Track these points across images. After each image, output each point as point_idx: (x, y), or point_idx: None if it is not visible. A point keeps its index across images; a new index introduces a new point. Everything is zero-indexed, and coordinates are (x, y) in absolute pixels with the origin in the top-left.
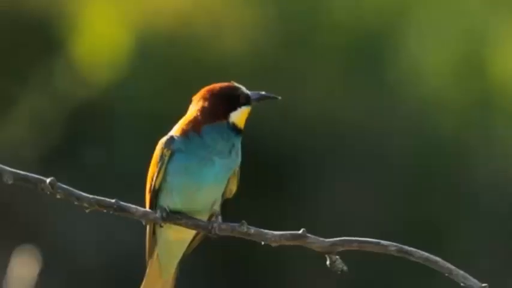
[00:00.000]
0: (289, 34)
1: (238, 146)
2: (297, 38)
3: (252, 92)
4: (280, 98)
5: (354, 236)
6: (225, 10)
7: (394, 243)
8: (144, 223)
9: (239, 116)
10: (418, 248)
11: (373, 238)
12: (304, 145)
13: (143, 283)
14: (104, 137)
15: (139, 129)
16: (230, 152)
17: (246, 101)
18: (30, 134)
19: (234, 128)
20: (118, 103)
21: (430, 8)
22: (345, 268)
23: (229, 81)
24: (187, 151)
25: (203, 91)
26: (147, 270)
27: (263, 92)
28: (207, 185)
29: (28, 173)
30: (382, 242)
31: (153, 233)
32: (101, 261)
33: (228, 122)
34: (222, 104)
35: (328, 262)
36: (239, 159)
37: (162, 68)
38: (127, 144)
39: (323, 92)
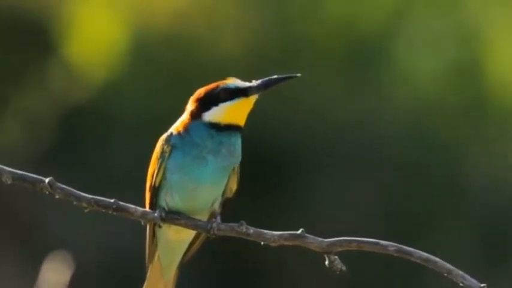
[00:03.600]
0: (286, 34)
1: (230, 143)
2: (295, 38)
3: (259, 81)
4: (299, 75)
5: (353, 236)
6: (222, 10)
7: (393, 243)
8: (143, 223)
9: (217, 114)
10: (418, 248)
11: (373, 238)
12: (303, 145)
13: (145, 284)
14: (101, 136)
15: (136, 129)
16: (220, 150)
17: (235, 94)
18: (29, 134)
19: (214, 126)
20: (115, 103)
21: (425, 11)
22: (344, 268)
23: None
24: (183, 149)
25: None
26: (148, 271)
27: (275, 76)
28: (204, 183)
29: (27, 173)
30: (381, 242)
31: (153, 233)
32: (101, 261)
33: (203, 122)
34: (197, 105)
35: (327, 262)
36: (236, 158)
37: (159, 67)
38: (125, 143)
39: (321, 92)
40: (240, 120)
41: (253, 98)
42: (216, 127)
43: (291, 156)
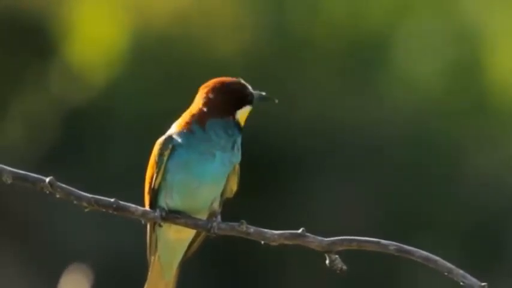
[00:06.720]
0: (286, 34)
1: (240, 142)
2: (295, 37)
3: (254, 91)
4: (276, 101)
5: (354, 235)
6: (221, 10)
7: (394, 243)
8: (143, 222)
9: (243, 114)
10: (417, 247)
11: (373, 237)
12: (303, 145)
13: (146, 284)
14: (102, 136)
15: (136, 129)
16: (233, 147)
17: (251, 100)
18: (30, 134)
19: (237, 125)
20: (115, 103)
21: (425, 12)
22: (344, 267)
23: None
24: (189, 145)
25: (212, 84)
26: (149, 271)
27: (263, 93)
28: (207, 180)
29: (27, 173)
30: (382, 241)
31: (153, 233)
32: (101, 261)
33: (234, 119)
34: (232, 100)
35: (327, 261)
36: (239, 156)
37: (159, 68)
38: (125, 143)
39: (321, 92)
40: (244, 122)
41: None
42: (237, 126)
43: (291, 156)
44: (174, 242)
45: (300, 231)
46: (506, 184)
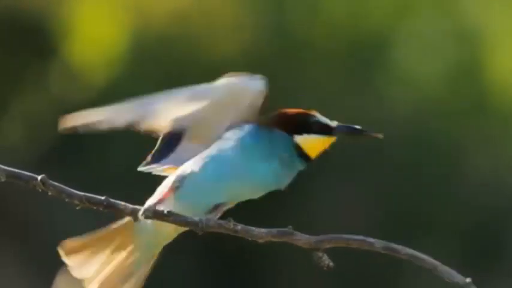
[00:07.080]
0: (286, 34)
1: (296, 168)
2: (294, 38)
3: (341, 124)
4: (381, 136)
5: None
6: (221, 10)
7: (380, 240)
8: (133, 220)
9: (306, 141)
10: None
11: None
12: None
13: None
14: (102, 136)
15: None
16: (289, 165)
17: (323, 130)
18: (29, 134)
19: (297, 148)
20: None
21: (425, 12)
22: (331, 264)
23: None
24: (258, 137)
25: (284, 110)
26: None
27: (357, 126)
28: (255, 186)
29: (21, 171)
30: (368, 238)
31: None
32: None
33: (291, 139)
34: (290, 124)
35: (314, 258)
36: (282, 185)
37: (159, 68)
38: (125, 143)
39: (321, 92)
40: (315, 153)
41: (333, 138)
42: (299, 151)
43: None
44: (153, 242)
45: (287, 228)
46: (506, 184)
